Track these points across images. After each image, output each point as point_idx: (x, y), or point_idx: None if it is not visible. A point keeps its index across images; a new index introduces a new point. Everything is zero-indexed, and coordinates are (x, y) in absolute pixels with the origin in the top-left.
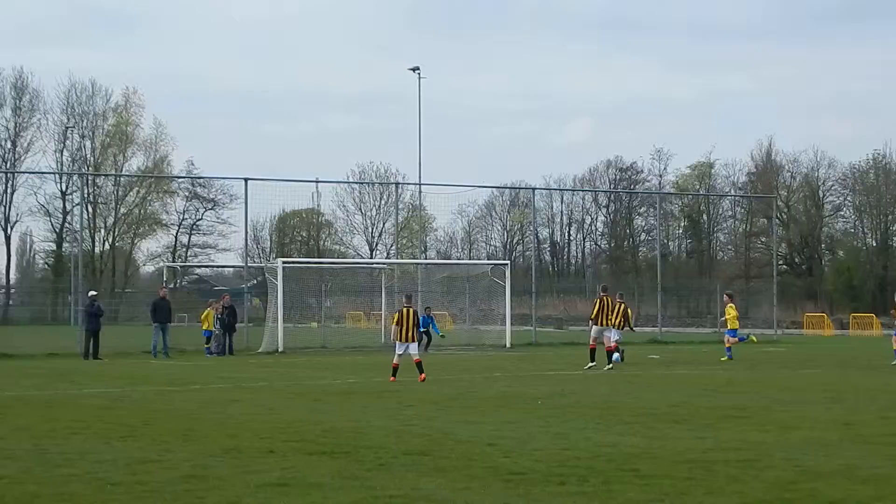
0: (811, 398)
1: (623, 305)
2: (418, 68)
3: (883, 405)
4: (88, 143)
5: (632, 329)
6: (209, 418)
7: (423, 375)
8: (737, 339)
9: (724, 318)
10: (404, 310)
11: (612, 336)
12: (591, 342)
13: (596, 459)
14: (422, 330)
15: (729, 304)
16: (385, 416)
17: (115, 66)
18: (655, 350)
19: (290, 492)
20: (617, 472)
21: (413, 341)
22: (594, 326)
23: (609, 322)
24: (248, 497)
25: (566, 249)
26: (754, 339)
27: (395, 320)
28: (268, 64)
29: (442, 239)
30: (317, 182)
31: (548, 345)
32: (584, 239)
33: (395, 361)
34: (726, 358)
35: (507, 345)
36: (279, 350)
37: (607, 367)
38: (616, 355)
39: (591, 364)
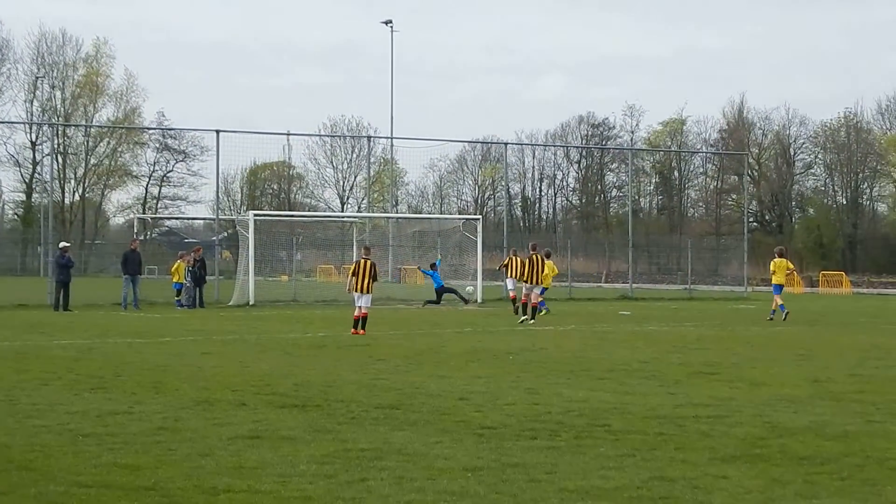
0: (781, 355)
1: (548, 262)
2: (391, 21)
3: (852, 362)
4: (59, 94)
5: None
6: (180, 371)
7: (363, 332)
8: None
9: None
10: (362, 261)
11: (536, 292)
12: (522, 297)
13: (567, 415)
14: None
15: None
16: (356, 369)
17: (85, 16)
18: (626, 306)
19: (261, 444)
20: (588, 428)
21: (368, 292)
22: (525, 285)
23: (539, 280)
24: (220, 450)
25: (537, 205)
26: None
27: (352, 270)
28: (240, 15)
29: (413, 193)
30: (288, 135)
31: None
32: (555, 194)
33: (356, 314)
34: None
35: (479, 300)
36: (250, 303)
37: (530, 321)
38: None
39: (524, 318)
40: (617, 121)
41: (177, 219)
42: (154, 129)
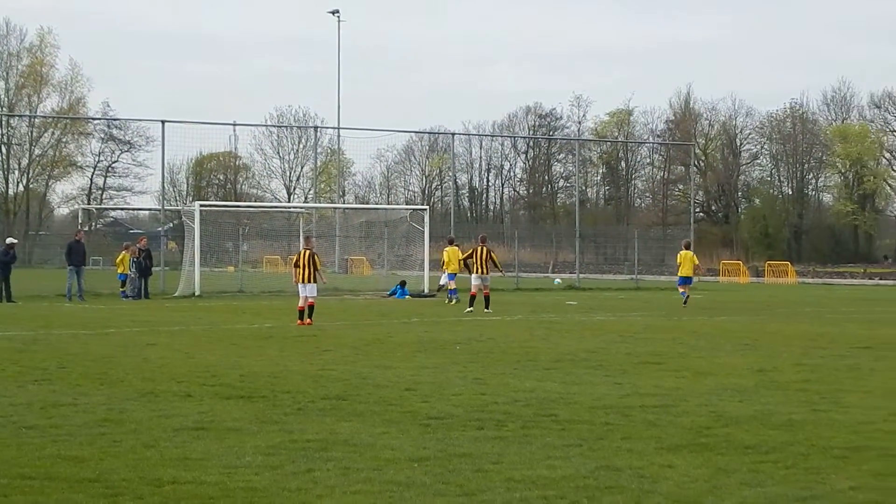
0: (727, 345)
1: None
2: (338, 11)
3: (797, 352)
4: (2, 84)
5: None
6: (125, 362)
7: (310, 321)
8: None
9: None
10: (302, 251)
11: (474, 282)
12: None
13: (514, 405)
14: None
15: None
16: (302, 360)
17: (29, 6)
18: (573, 296)
19: (207, 436)
20: (535, 418)
21: (311, 282)
22: (474, 275)
23: (483, 269)
24: (165, 441)
25: (485, 195)
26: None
27: (294, 262)
28: (186, 4)
29: (360, 184)
30: (234, 125)
31: (466, 290)
32: (502, 185)
33: (300, 304)
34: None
35: (426, 290)
36: (196, 294)
37: (468, 309)
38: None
39: (469, 309)
40: (564, 111)
41: (122, 209)
42: (99, 119)
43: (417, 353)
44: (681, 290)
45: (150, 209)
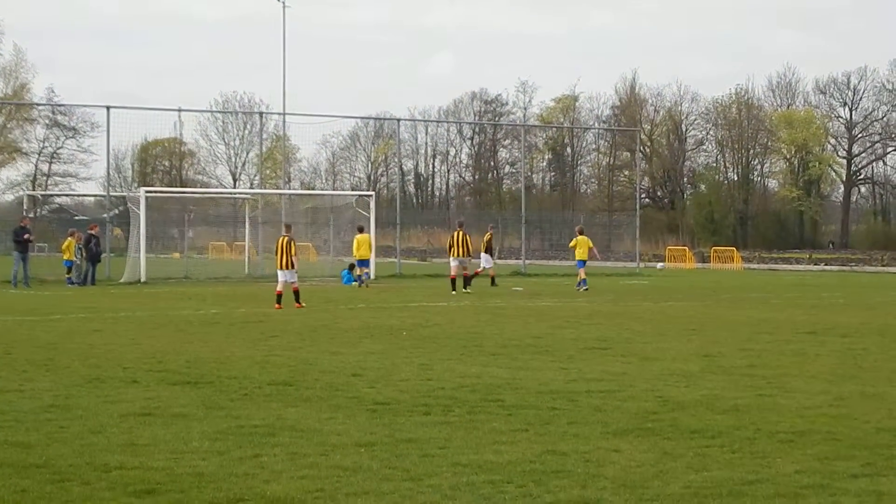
0: (672, 330)
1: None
2: None
3: (742, 337)
4: None
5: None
6: (71, 348)
7: (299, 305)
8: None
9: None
10: (282, 238)
11: (452, 263)
12: (453, 274)
13: (460, 390)
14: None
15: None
16: (249, 346)
17: None
18: (519, 282)
19: (154, 421)
20: (481, 403)
21: (289, 268)
22: (452, 258)
23: (460, 252)
24: (112, 427)
25: (430, 181)
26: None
27: (275, 249)
28: None
29: (306, 170)
30: (179, 111)
31: (412, 276)
32: (448, 171)
33: (277, 289)
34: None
35: (372, 276)
36: (141, 280)
37: (465, 290)
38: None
39: (453, 291)
40: (510, 97)
41: (67, 196)
42: (44, 105)
43: (364, 338)
44: (581, 274)
45: (95, 195)
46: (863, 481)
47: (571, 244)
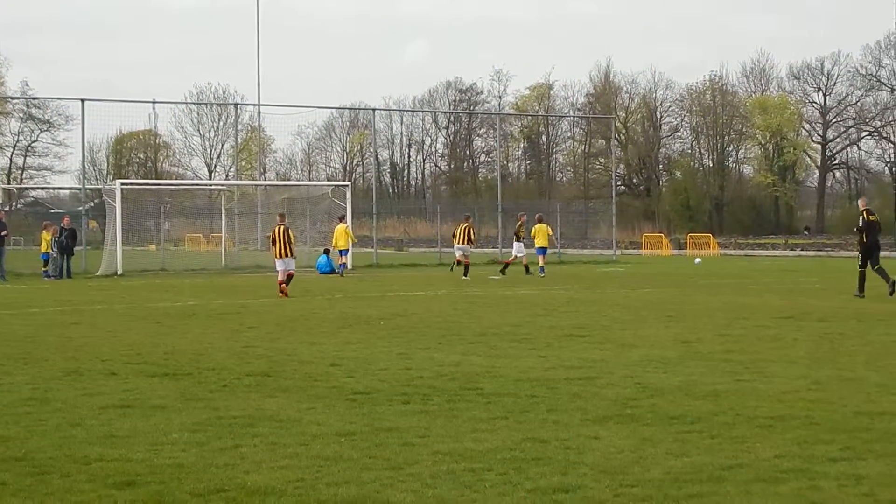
0: (650, 317)
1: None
2: None
3: (720, 323)
4: None
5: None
6: (48, 341)
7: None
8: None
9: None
10: (277, 227)
11: (457, 252)
12: (458, 258)
13: (439, 379)
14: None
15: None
16: (227, 337)
17: None
18: (496, 271)
19: (132, 413)
20: (460, 391)
21: (288, 256)
22: (456, 245)
23: (463, 240)
24: (91, 419)
25: (406, 171)
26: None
27: (271, 239)
28: None
29: (281, 160)
30: (154, 103)
31: (388, 266)
32: (424, 160)
33: (279, 279)
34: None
35: (350, 266)
36: (118, 273)
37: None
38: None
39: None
40: (485, 86)
41: (42, 189)
42: (18, 98)
43: (342, 328)
44: (541, 262)
45: (70, 188)
46: (842, 465)
47: (532, 233)
